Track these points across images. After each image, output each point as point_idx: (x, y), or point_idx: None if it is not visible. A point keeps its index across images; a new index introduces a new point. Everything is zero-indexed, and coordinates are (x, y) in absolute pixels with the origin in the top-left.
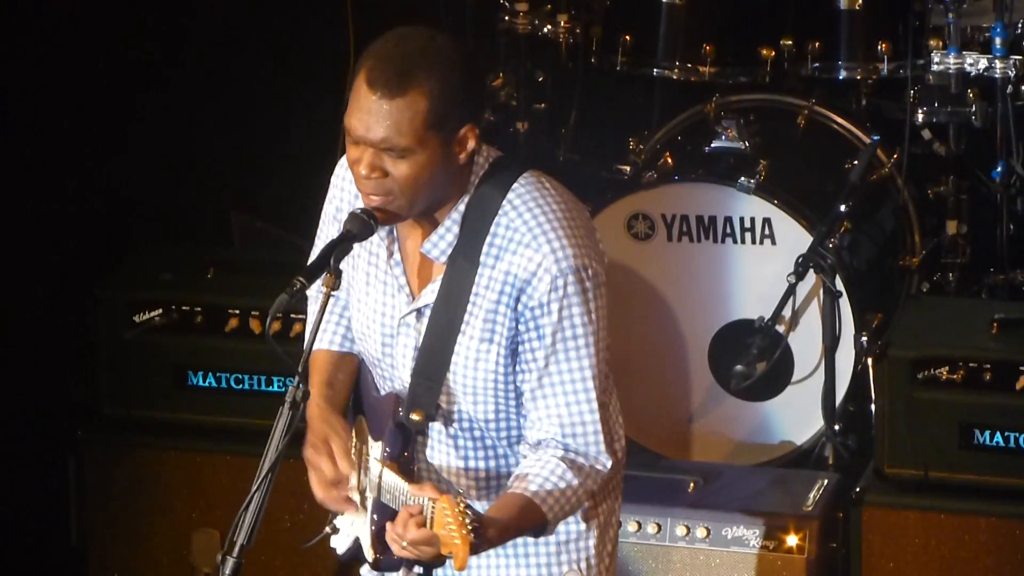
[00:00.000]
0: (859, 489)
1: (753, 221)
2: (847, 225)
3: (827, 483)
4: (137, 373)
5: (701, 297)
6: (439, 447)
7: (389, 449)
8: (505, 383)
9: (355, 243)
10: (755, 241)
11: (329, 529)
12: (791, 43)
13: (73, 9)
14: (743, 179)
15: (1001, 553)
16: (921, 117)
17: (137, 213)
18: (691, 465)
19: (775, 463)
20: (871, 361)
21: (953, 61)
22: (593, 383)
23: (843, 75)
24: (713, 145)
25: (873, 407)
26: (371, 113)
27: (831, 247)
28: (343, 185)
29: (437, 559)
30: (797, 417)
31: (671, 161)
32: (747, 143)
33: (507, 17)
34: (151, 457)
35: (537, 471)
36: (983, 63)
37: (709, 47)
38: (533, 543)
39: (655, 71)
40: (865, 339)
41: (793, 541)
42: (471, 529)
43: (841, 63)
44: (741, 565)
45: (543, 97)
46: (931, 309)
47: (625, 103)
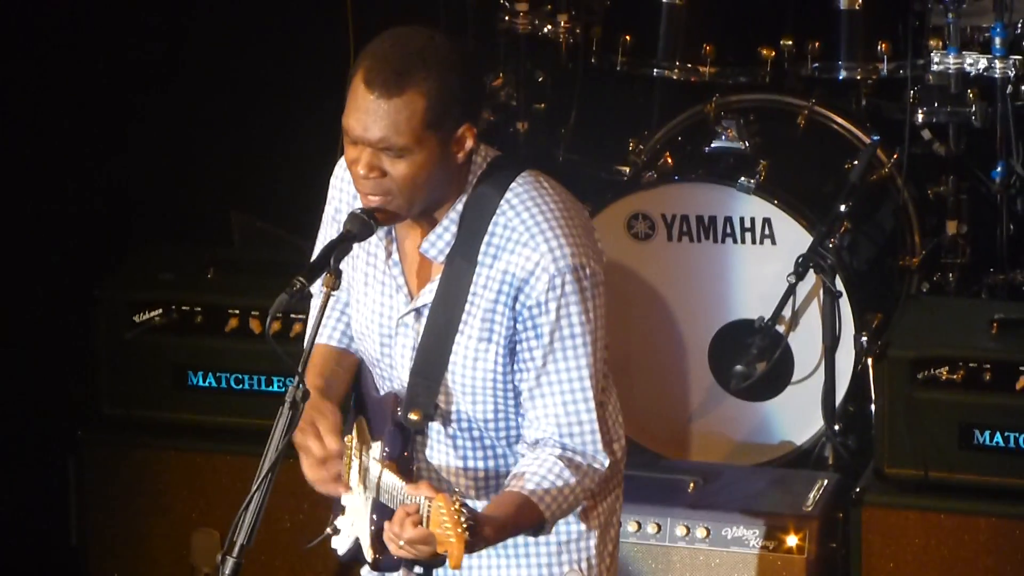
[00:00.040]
0: (859, 489)
1: (753, 221)
2: (847, 225)
3: (827, 483)
4: (137, 373)
5: (701, 297)
6: (438, 447)
7: (388, 449)
8: (504, 382)
9: (355, 243)
10: (755, 241)
11: (330, 530)
12: (791, 43)
13: (73, 9)
14: (743, 179)
15: (1001, 553)
16: (921, 117)
17: (137, 213)
18: (691, 465)
19: (775, 463)
20: (871, 361)
21: (953, 61)
22: (590, 382)
23: (843, 75)
24: (713, 145)
25: (873, 407)
26: (369, 113)
27: (831, 247)
28: (342, 186)
29: (434, 558)
30: (797, 417)
31: (671, 161)
32: (747, 143)
33: (507, 17)
34: (151, 457)
35: (535, 470)
36: (983, 63)
37: (709, 47)
38: (534, 543)
39: (655, 71)
40: (865, 339)
41: (793, 541)
42: (467, 527)
43: (841, 63)
44: (741, 565)
45: (543, 97)
46: (931, 309)
47: (625, 103)
